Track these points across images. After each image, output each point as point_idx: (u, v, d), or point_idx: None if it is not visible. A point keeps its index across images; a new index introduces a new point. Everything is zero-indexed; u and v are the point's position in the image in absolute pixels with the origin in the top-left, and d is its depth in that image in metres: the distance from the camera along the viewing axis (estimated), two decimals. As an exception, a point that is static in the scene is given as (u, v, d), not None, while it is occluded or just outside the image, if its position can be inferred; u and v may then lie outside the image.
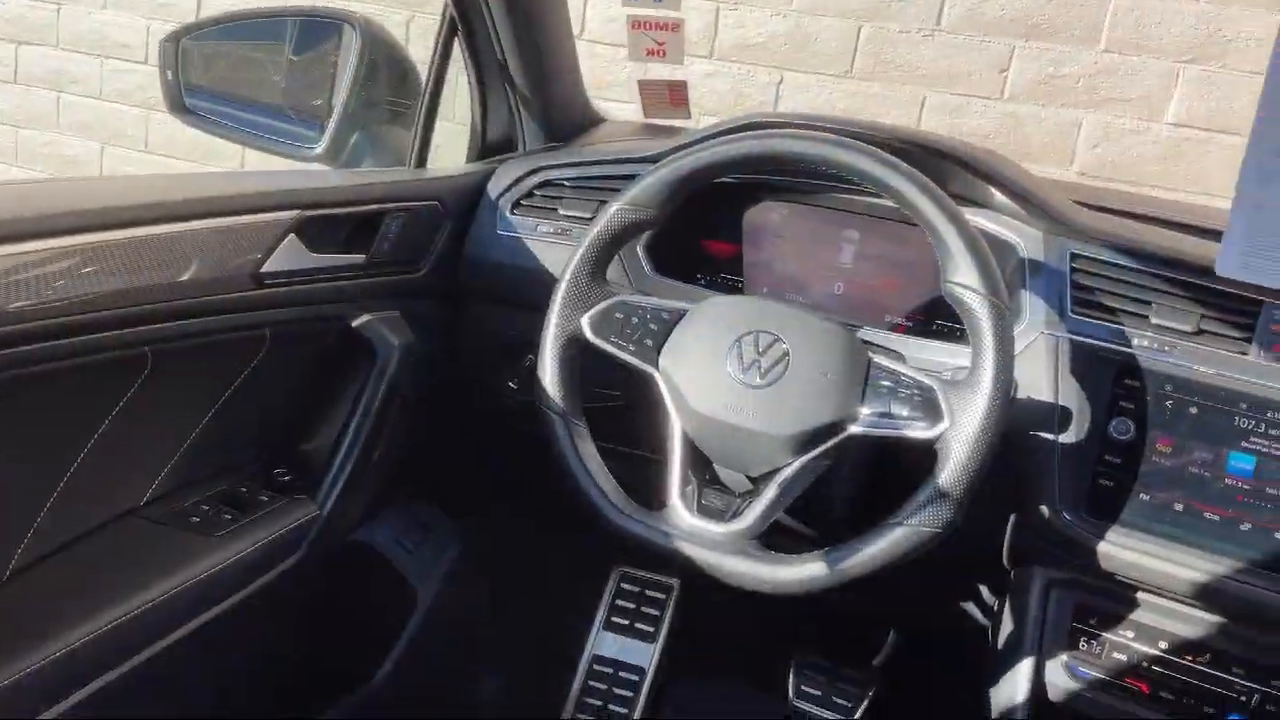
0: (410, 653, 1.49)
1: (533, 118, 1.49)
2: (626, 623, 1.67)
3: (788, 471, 1.03)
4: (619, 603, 1.69)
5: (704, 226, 1.35)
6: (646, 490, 1.14)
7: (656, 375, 1.09)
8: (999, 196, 1.18)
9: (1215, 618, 1.07)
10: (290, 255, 1.15)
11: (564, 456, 1.11)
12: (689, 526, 1.05)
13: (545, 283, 1.15)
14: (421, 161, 1.47)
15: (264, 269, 1.12)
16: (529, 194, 1.38)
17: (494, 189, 1.39)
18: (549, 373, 1.12)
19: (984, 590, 1.27)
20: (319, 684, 1.44)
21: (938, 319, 1.25)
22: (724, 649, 1.72)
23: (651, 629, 1.65)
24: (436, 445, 1.53)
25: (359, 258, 1.25)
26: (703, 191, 1.27)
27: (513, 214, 1.37)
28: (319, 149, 1.44)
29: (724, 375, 1.05)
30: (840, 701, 1.48)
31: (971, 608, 1.30)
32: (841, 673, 1.51)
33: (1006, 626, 1.17)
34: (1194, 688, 1.07)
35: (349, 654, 1.48)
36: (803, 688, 1.50)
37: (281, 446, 1.30)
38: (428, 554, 1.54)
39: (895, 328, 1.27)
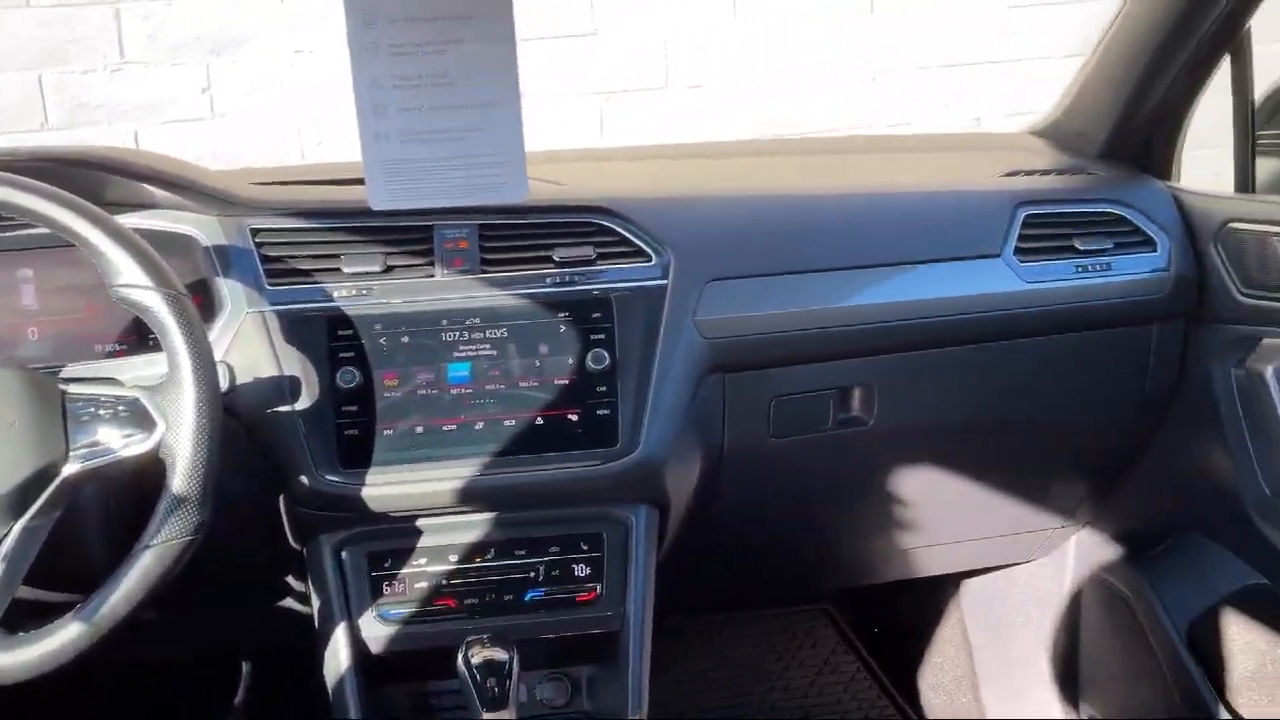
0: None
1: None
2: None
3: (7, 543, 0.91)
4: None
5: None
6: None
7: None
8: (161, 194, 1.14)
9: (485, 514, 1.16)
10: None
11: None
12: None
13: None
14: None
15: None
16: None
17: None
18: None
19: (291, 581, 1.25)
20: None
21: (150, 331, 1.18)
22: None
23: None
24: None
25: None
26: None
27: None
28: None
29: None
30: None
31: (290, 603, 1.28)
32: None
33: (317, 604, 1.16)
34: (491, 583, 1.16)
35: None
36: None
37: None
38: None
39: (114, 353, 1.18)
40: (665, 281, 1.17)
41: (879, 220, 1.27)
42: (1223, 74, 1.32)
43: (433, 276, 1.15)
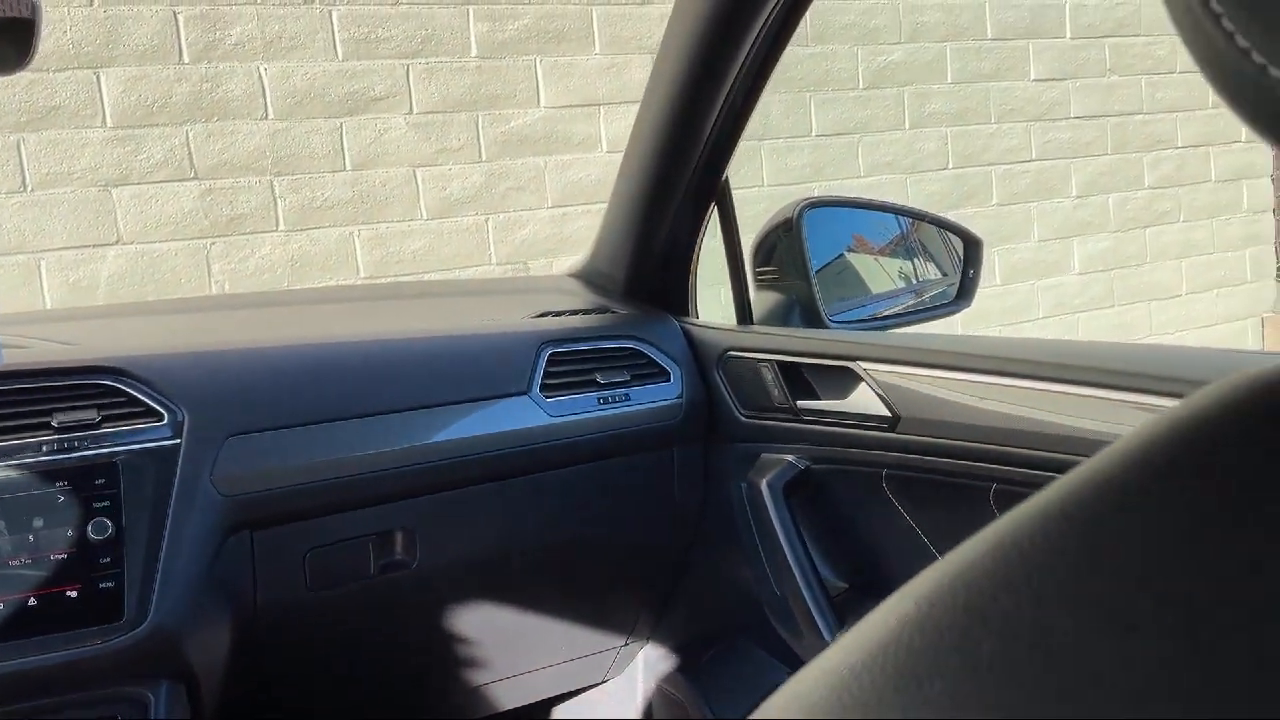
0: None
1: None
2: None
3: None
4: None
5: None
6: None
7: None
8: None
9: None
10: None
11: None
12: None
13: None
14: None
15: None
16: None
17: None
18: None
19: None
20: None
21: None
22: None
23: None
24: None
25: None
26: None
27: None
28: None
29: None
30: None
31: None
32: None
33: None
34: None
35: None
36: None
37: None
38: None
39: None
40: (178, 441, 1.13)
41: (409, 365, 1.30)
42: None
43: None
